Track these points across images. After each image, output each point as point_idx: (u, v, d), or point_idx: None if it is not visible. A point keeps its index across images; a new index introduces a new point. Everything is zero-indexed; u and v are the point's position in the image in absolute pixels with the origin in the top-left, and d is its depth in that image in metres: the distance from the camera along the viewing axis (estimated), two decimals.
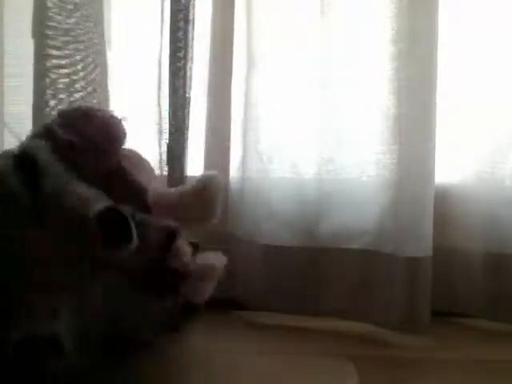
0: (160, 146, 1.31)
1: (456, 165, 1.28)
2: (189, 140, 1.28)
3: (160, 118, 1.31)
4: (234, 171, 1.34)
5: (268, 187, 1.30)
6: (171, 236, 0.87)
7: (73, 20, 1.27)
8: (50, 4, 1.25)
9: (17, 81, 1.37)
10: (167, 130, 1.28)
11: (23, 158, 0.77)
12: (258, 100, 1.29)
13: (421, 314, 1.21)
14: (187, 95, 1.26)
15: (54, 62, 1.29)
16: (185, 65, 1.24)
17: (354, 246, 1.26)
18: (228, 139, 1.34)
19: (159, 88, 1.30)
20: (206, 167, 1.35)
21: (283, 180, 1.30)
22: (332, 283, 1.28)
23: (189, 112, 1.27)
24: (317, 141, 1.28)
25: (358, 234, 1.26)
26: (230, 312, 1.34)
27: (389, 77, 1.22)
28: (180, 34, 1.23)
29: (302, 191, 1.29)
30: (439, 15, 1.20)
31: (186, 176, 1.27)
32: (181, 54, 1.24)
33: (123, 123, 0.98)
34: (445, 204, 1.27)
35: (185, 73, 1.25)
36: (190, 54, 1.25)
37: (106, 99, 1.32)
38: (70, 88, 1.30)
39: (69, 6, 1.26)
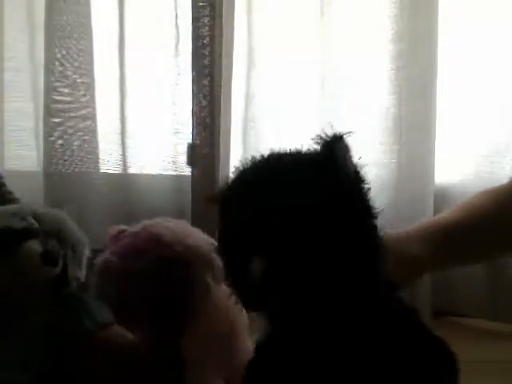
0: (176, 146, 1.32)
1: (455, 164, 1.28)
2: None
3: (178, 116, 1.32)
4: (234, 171, 1.33)
5: None
6: None
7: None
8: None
9: (15, 76, 1.37)
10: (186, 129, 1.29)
11: None
12: (258, 100, 1.29)
13: (421, 314, 1.21)
14: (216, 93, 1.24)
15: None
16: (211, 57, 1.23)
17: None
18: (228, 139, 1.33)
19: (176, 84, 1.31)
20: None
21: None
22: None
23: (219, 109, 1.25)
24: None
25: None
26: None
27: (389, 77, 1.22)
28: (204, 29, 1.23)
29: None
30: (439, 16, 1.21)
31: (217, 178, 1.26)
32: (205, 51, 1.23)
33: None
34: (445, 203, 1.27)
35: (212, 69, 1.24)
36: (217, 52, 1.23)
37: None
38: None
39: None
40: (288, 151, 0.58)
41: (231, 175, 0.57)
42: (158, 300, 0.73)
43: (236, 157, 1.33)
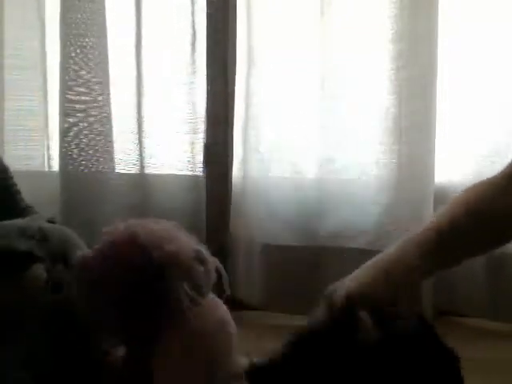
0: (193, 145, 1.31)
1: (456, 164, 1.28)
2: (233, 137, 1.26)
3: (194, 115, 1.31)
4: (234, 171, 1.34)
5: (268, 187, 1.30)
6: None
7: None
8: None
9: (17, 74, 1.37)
10: (202, 129, 1.29)
11: None
12: (258, 100, 1.30)
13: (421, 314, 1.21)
14: (229, 89, 1.24)
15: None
16: (224, 53, 1.22)
17: (354, 245, 1.26)
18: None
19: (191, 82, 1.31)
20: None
21: (283, 180, 1.30)
22: (332, 283, 1.28)
23: (233, 106, 1.25)
24: (317, 141, 1.28)
25: (357, 234, 1.26)
26: (230, 312, 1.33)
27: (389, 77, 1.22)
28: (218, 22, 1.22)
29: (302, 191, 1.29)
30: (439, 16, 1.21)
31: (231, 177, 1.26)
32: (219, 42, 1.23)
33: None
34: (445, 203, 1.27)
35: (225, 62, 1.22)
36: (230, 41, 1.23)
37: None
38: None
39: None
40: None
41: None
42: (125, 303, 0.68)
43: (236, 157, 1.34)
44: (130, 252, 0.67)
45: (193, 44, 1.29)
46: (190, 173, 1.33)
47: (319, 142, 1.28)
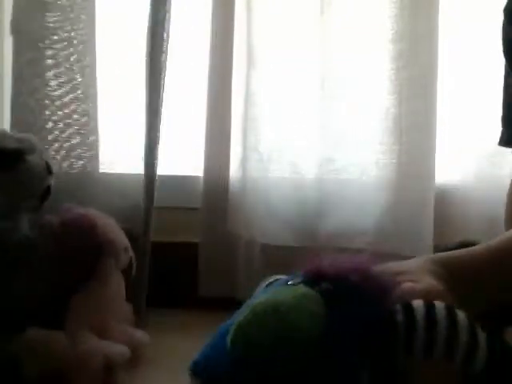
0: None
1: (456, 164, 1.29)
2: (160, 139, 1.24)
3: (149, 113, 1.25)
4: (234, 171, 1.33)
5: (268, 187, 1.30)
6: None
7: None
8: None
9: None
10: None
11: None
12: (258, 100, 1.29)
13: None
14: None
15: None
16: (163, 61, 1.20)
17: (354, 245, 1.26)
18: (228, 139, 1.33)
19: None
20: (206, 167, 1.34)
21: (283, 180, 1.30)
22: None
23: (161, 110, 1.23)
24: (317, 141, 1.28)
25: (357, 234, 1.26)
26: (230, 312, 1.33)
27: (389, 77, 1.22)
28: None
29: (302, 191, 1.29)
30: (439, 16, 1.21)
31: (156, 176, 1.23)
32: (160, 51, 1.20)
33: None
34: (445, 204, 1.27)
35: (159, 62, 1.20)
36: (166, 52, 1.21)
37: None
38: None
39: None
40: None
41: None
42: (72, 260, 1.02)
43: (236, 157, 1.33)
44: (87, 229, 1.03)
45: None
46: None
47: (319, 142, 1.28)
